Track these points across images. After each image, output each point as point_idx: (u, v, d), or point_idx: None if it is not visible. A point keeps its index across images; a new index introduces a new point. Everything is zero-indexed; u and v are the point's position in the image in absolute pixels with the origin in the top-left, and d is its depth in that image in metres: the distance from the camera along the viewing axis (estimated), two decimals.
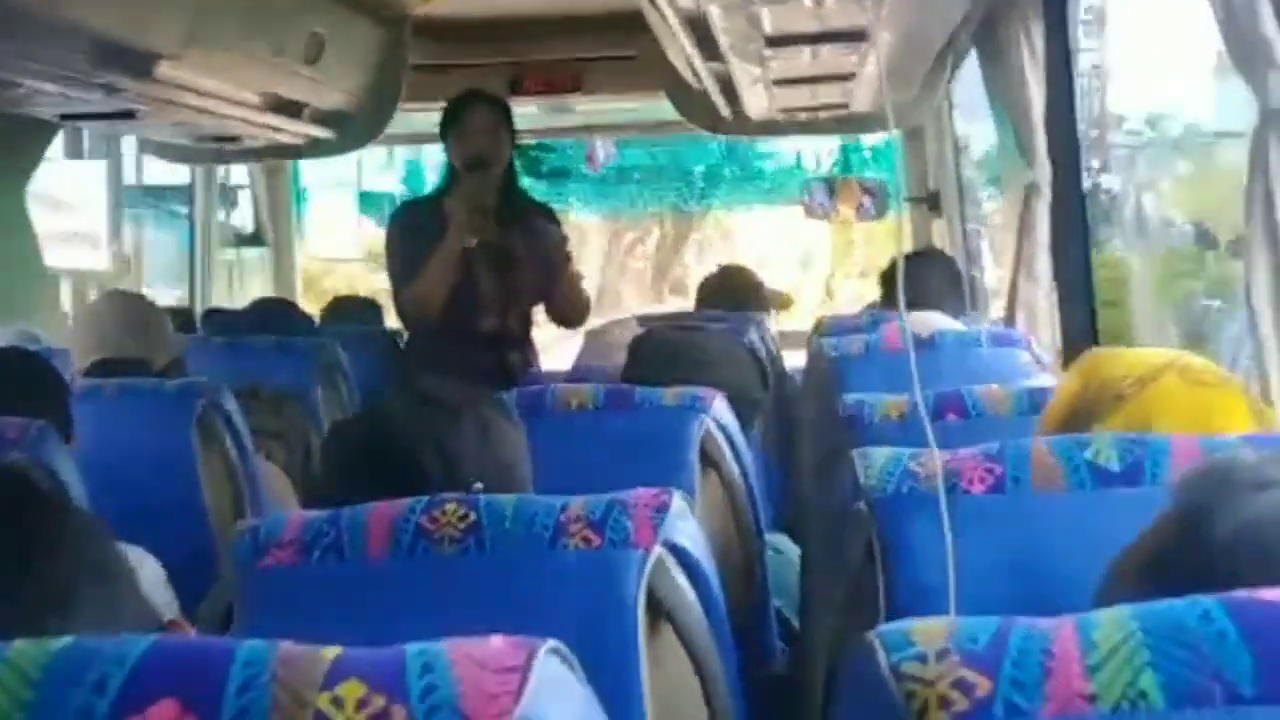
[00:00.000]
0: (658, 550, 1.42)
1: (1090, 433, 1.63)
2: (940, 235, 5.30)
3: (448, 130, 3.93)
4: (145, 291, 5.22)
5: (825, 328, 3.85)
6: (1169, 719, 0.70)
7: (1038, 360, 2.96)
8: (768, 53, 3.17)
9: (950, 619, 0.78)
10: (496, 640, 0.81)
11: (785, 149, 8.10)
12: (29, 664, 0.74)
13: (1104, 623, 0.74)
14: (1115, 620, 0.74)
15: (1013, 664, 0.73)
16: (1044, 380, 2.86)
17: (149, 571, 1.98)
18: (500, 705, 0.75)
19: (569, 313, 4.08)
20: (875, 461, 1.51)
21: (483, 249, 3.88)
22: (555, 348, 4.83)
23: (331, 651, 0.78)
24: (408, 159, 8.25)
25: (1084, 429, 1.61)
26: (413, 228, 3.94)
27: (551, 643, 0.83)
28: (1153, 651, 0.72)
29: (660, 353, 2.58)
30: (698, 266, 14.48)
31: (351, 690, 0.75)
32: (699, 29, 3.07)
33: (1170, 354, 1.64)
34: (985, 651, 0.74)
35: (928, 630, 0.77)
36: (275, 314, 4.49)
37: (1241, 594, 0.74)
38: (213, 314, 4.92)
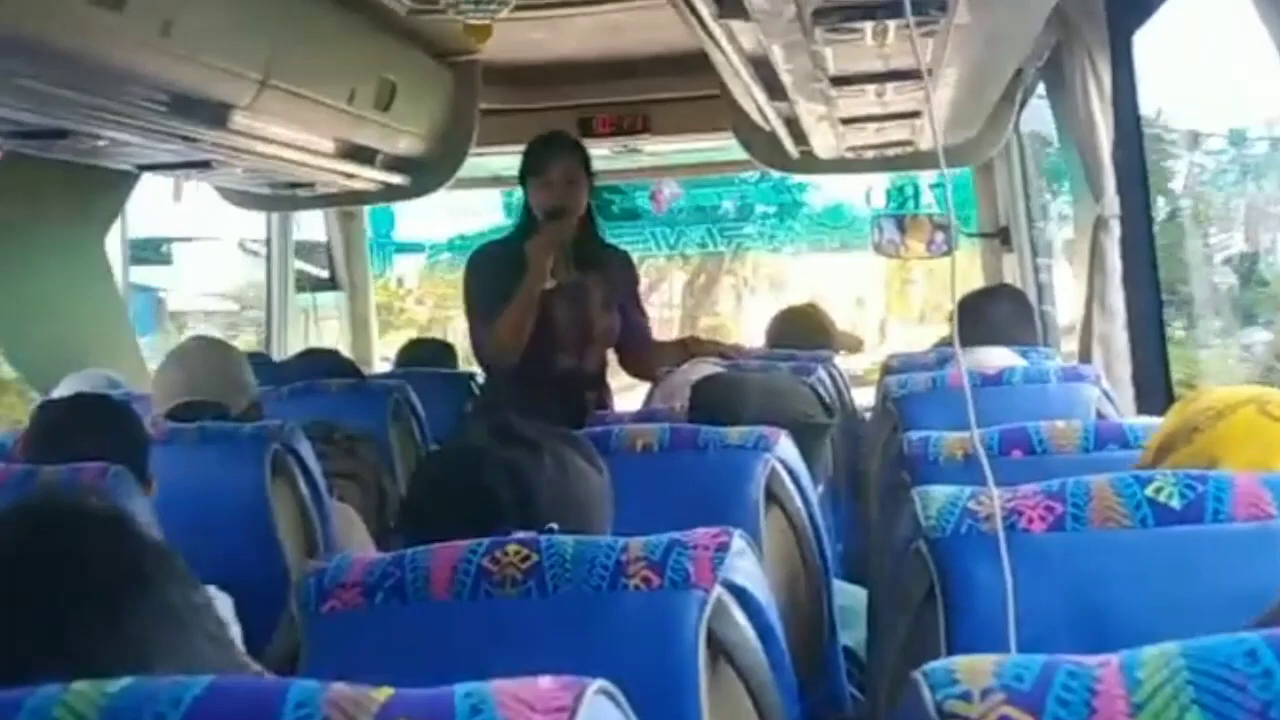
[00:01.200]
0: (717, 590, 1.43)
1: (1164, 466, 1.62)
2: (1012, 271, 5.27)
3: (527, 176, 3.97)
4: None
5: (894, 366, 3.84)
6: None
7: (1107, 396, 2.94)
8: (832, 92, 3.17)
9: (998, 657, 0.78)
10: (545, 681, 0.82)
11: (829, 183, 8.05)
12: (86, 705, 0.76)
13: (1149, 660, 0.74)
14: (1161, 658, 0.74)
15: (1057, 702, 0.73)
16: (1113, 416, 2.84)
17: (220, 607, 2.01)
18: None
19: (643, 370, 4.12)
20: (934, 500, 1.51)
21: (560, 290, 3.93)
22: (631, 392, 4.85)
23: (383, 693, 0.79)
24: None
25: (1164, 464, 1.61)
26: (492, 270, 3.98)
27: (600, 683, 0.84)
28: (1197, 689, 0.71)
29: (720, 392, 2.59)
30: (738, 313, 14.08)
31: None
32: (763, 69, 3.08)
33: (1257, 390, 1.63)
34: (1031, 690, 0.74)
35: (973, 668, 0.77)
36: (322, 365, 4.50)
37: None
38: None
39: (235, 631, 2.09)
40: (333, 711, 0.77)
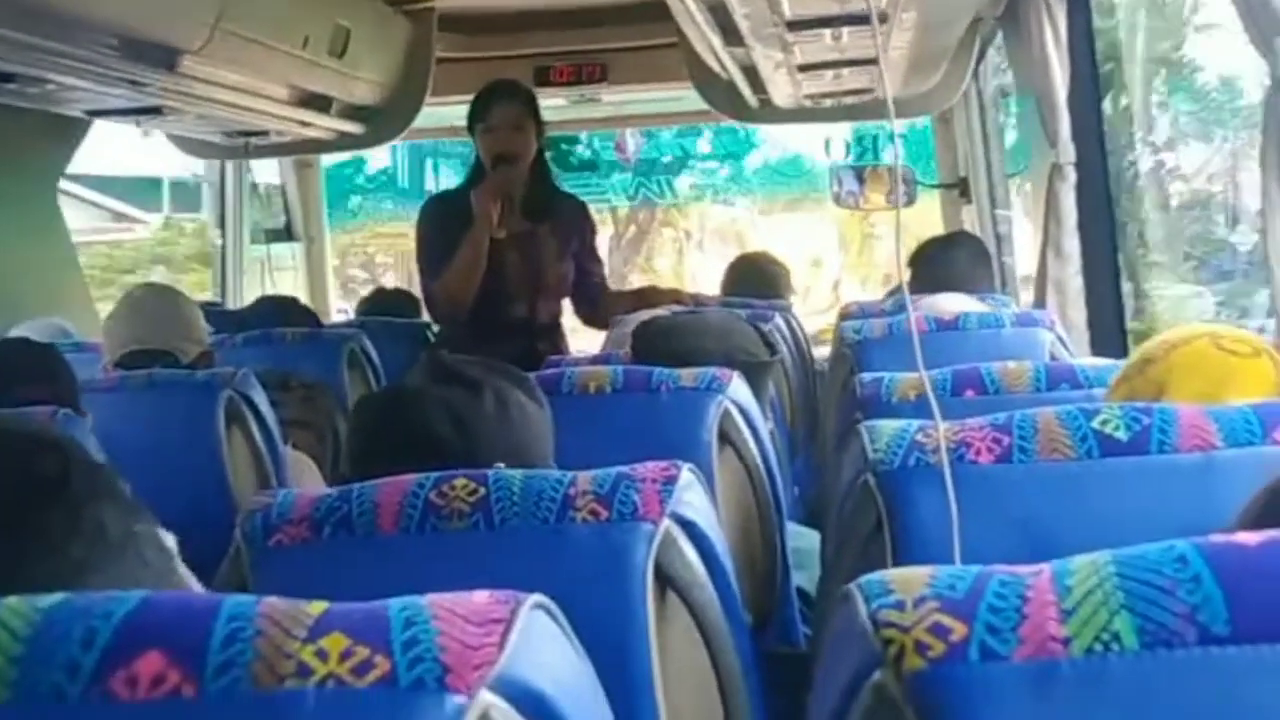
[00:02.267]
0: (665, 523, 1.43)
1: (1115, 397, 1.63)
2: (971, 223, 5.27)
3: (474, 123, 3.95)
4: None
5: (851, 313, 3.85)
6: (1142, 660, 0.70)
7: (1061, 340, 2.95)
8: (789, 37, 3.16)
9: (932, 568, 0.79)
10: (480, 595, 0.81)
11: (785, 134, 7.96)
12: (19, 620, 0.76)
13: (1080, 568, 0.75)
14: (1091, 565, 0.74)
15: (989, 609, 0.73)
16: (1067, 359, 2.85)
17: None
18: (483, 656, 0.76)
19: (597, 309, 4.12)
20: (882, 434, 1.51)
21: (511, 239, 3.91)
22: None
23: (317, 607, 0.79)
24: None
25: (1115, 394, 1.62)
26: (441, 220, 3.97)
27: (537, 597, 0.83)
28: (1127, 594, 0.72)
29: (660, 333, 2.60)
30: (680, 268, 13.42)
31: (335, 643, 0.76)
32: (719, 14, 3.07)
33: (1213, 325, 1.65)
34: (962, 598, 0.75)
35: (908, 578, 0.77)
36: (281, 312, 4.48)
37: (1217, 538, 0.74)
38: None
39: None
40: (266, 624, 0.76)
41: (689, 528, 1.46)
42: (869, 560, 1.48)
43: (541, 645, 0.81)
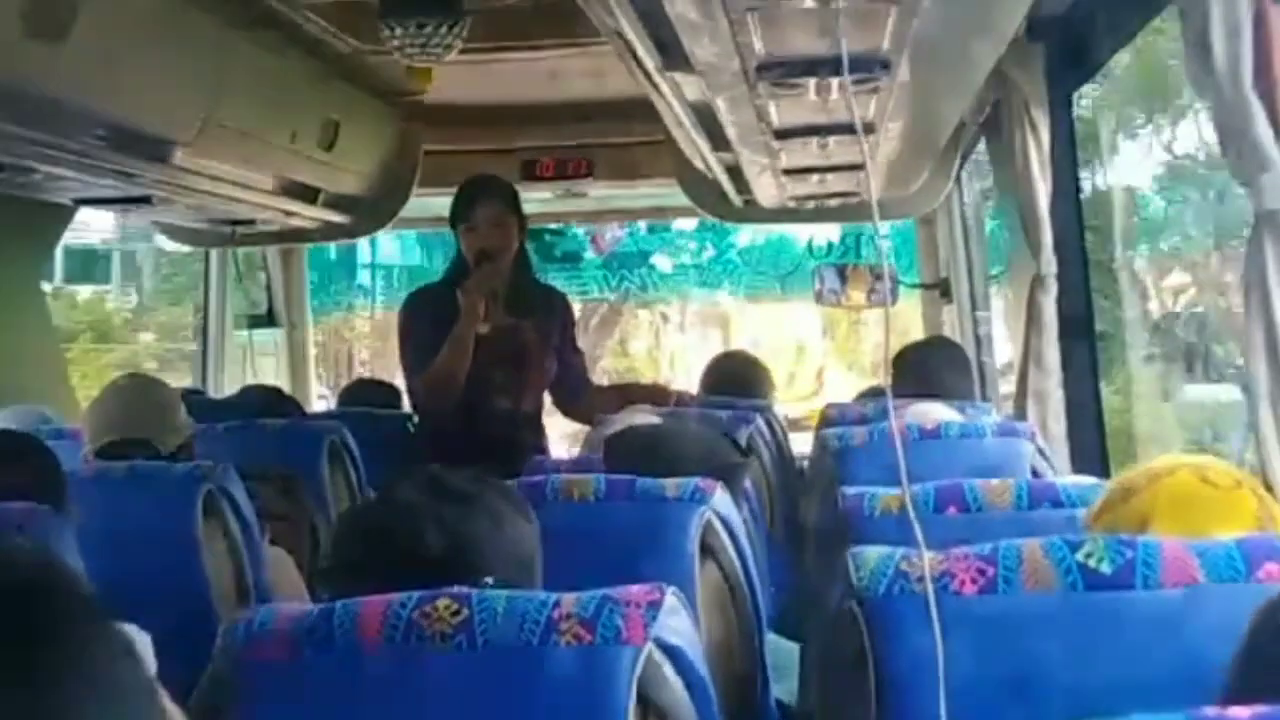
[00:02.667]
0: (649, 648, 1.42)
1: (1098, 528, 1.64)
2: (951, 323, 5.31)
3: (457, 220, 3.98)
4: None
5: (830, 418, 3.85)
6: None
7: (1042, 453, 2.96)
8: (775, 144, 3.19)
9: None
10: None
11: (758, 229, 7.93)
12: None
13: None
14: None
15: None
16: (1048, 473, 2.87)
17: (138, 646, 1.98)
18: None
19: (578, 400, 4.14)
20: (867, 561, 1.51)
21: (495, 334, 3.93)
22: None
23: None
24: None
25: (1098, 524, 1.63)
26: (425, 314, 3.99)
27: None
28: None
29: (630, 446, 2.61)
30: (658, 351, 13.35)
31: None
32: (706, 120, 3.10)
33: (1199, 458, 1.66)
34: None
35: None
36: (265, 401, 4.48)
37: (1210, 711, 0.74)
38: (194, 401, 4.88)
39: (152, 671, 2.05)
40: None
41: (672, 653, 1.45)
42: (853, 689, 1.48)
43: None
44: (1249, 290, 1.72)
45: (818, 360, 12.52)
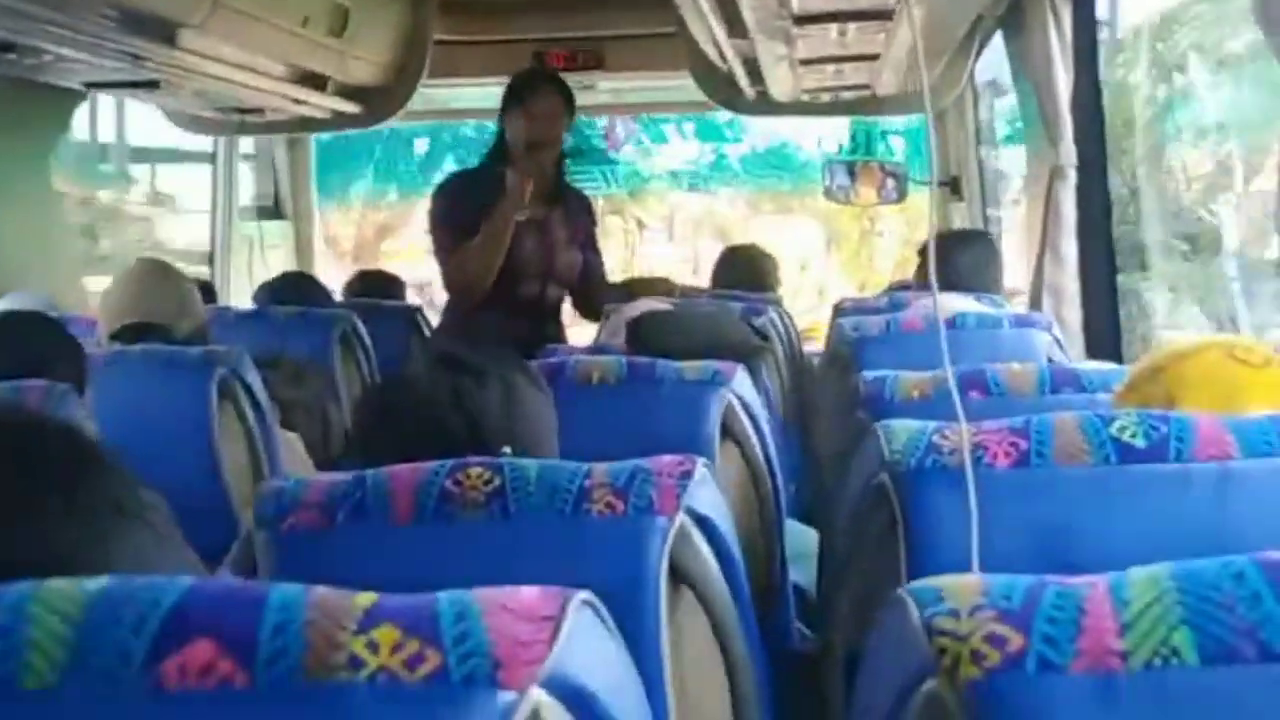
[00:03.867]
0: (680, 518, 1.43)
1: (1126, 404, 1.64)
2: (961, 220, 5.29)
3: (511, 106, 3.95)
4: None
5: (845, 308, 3.85)
6: (1201, 676, 0.70)
7: (1058, 343, 2.96)
8: (795, 31, 3.16)
9: (983, 576, 0.78)
10: (530, 590, 0.81)
11: (770, 126, 7.69)
12: (67, 603, 0.75)
13: (1137, 582, 0.75)
14: (1149, 579, 0.74)
15: (1046, 620, 0.73)
16: (1064, 362, 2.86)
17: None
18: (533, 653, 0.76)
19: (594, 299, 4.14)
20: (899, 434, 1.51)
21: (528, 222, 3.94)
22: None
23: (366, 598, 0.79)
24: None
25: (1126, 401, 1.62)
26: (464, 196, 3.98)
27: (584, 594, 0.83)
28: (1186, 609, 0.72)
29: (653, 326, 2.61)
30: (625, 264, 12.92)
31: (386, 635, 0.75)
32: (726, 6, 3.06)
33: (1227, 336, 1.65)
34: (1019, 608, 0.75)
35: (960, 587, 0.77)
36: (295, 287, 4.50)
37: (1276, 555, 0.74)
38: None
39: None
40: (315, 614, 0.76)
41: (703, 523, 1.46)
42: (882, 561, 1.48)
43: (589, 643, 0.81)
44: None
45: (818, 276, 12.06)
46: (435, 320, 4.43)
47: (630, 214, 11.10)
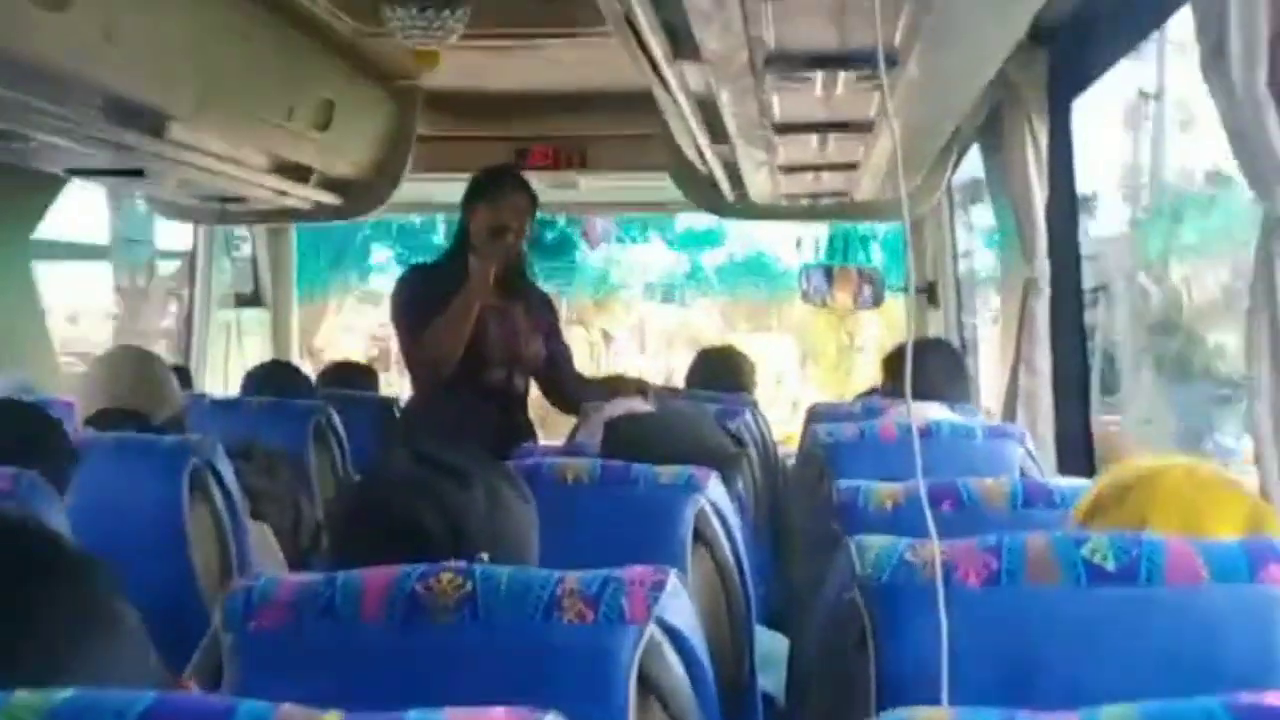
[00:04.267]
0: (651, 628, 1.42)
1: (1094, 527, 1.64)
2: (937, 328, 5.32)
3: (477, 199, 4.02)
4: None
5: (819, 414, 3.86)
6: None
7: (1031, 455, 2.97)
8: (775, 139, 3.19)
9: (951, 709, 0.78)
10: (498, 712, 0.81)
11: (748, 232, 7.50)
12: (30, 715, 0.74)
13: (1109, 718, 0.75)
14: (1120, 717, 0.74)
15: None
16: (1036, 475, 2.87)
17: None
18: None
19: (565, 388, 4.22)
20: (870, 549, 1.51)
21: (490, 310, 4.02)
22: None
23: (332, 716, 0.78)
24: None
25: (1095, 524, 1.63)
26: (425, 285, 4.06)
27: (551, 715, 0.83)
28: None
29: (630, 430, 2.61)
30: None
31: None
32: (708, 112, 3.09)
33: (1187, 459, 1.67)
34: None
35: (930, 718, 0.77)
36: (274, 377, 4.50)
37: (1246, 696, 0.75)
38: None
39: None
40: None
41: (674, 634, 1.45)
42: (851, 676, 1.48)
43: None
44: (1255, 296, 1.73)
45: (794, 390, 11.80)
46: None
47: (595, 325, 10.84)
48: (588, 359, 9.90)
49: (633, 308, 10.30)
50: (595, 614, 1.42)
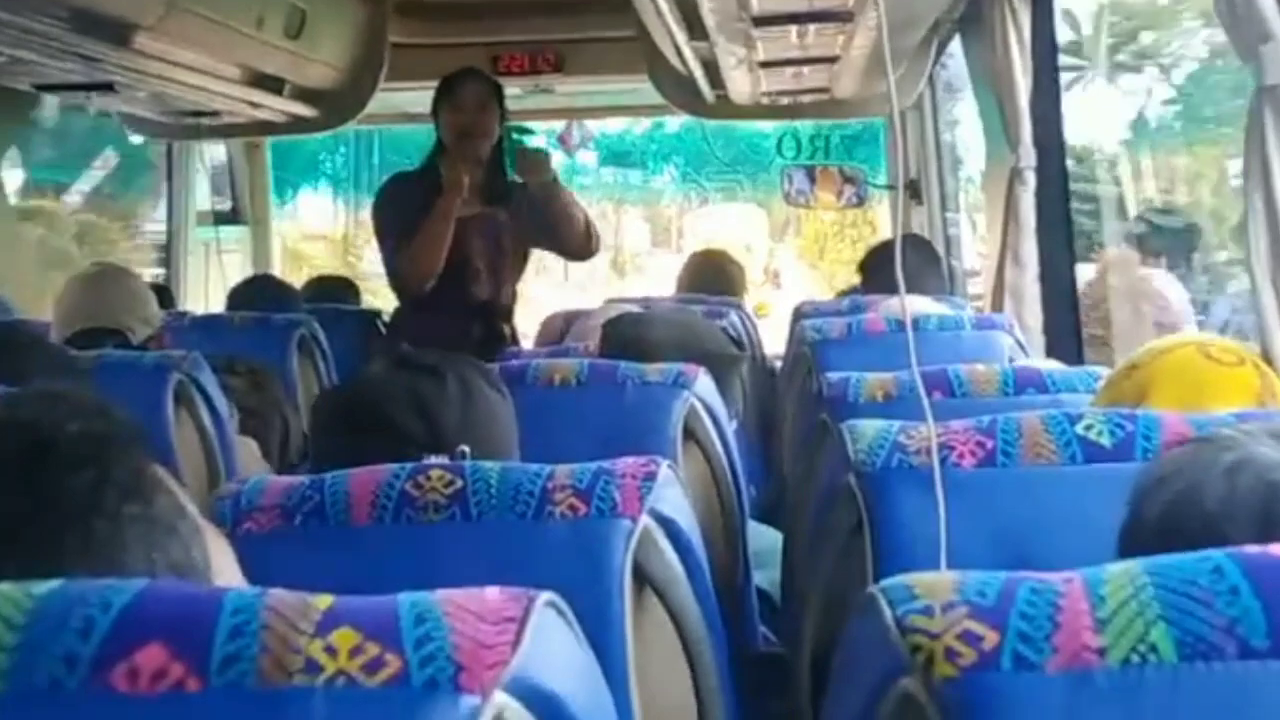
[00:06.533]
0: (644, 519, 1.41)
1: (1099, 402, 1.63)
2: (920, 225, 5.29)
3: (441, 103, 3.96)
4: None
5: (805, 311, 3.84)
6: (1180, 672, 0.68)
7: (1020, 344, 2.95)
8: (754, 33, 3.15)
9: (956, 573, 0.77)
10: (492, 592, 0.79)
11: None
12: (12, 607, 0.72)
13: (1114, 577, 0.73)
14: (1125, 574, 0.73)
15: (1020, 617, 0.72)
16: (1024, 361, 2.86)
17: None
18: (496, 655, 0.74)
19: (576, 236, 4.01)
20: (865, 435, 1.50)
21: (473, 220, 3.91)
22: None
23: (324, 600, 0.76)
24: None
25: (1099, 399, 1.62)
26: (404, 197, 3.98)
27: (548, 595, 0.81)
28: (1164, 605, 0.70)
29: (630, 328, 2.58)
30: None
31: (344, 638, 0.73)
32: (685, 7, 3.05)
33: (1202, 335, 1.66)
34: (993, 605, 0.73)
35: (933, 584, 0.76)
36: (259, 292, 4.47)
37: (1253, 549, 0.73)
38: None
39: None
40: (272, 618, 0.73)
41: (667, 525, 1.44)
42: (848, 562, 1.47)
43: (553, 645, 0.79)
44: (1249, 168, 1.70)
45: (764, 259, 11.68)
46: None
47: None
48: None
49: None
50: (588, 506, 1.40)
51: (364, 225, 9.15)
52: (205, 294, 5.52)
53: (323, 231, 10.05)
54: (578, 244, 4.02)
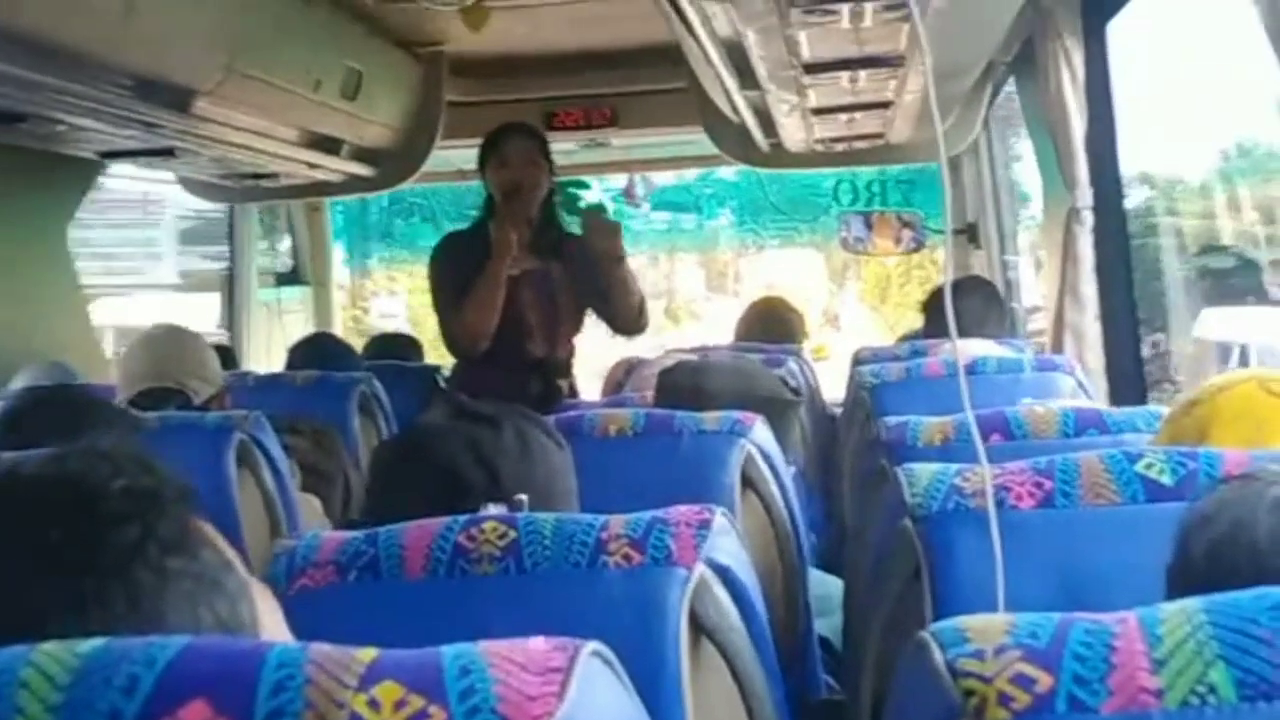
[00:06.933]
0: (700, 569, 1.39)
1: (1159, 440, 1.61)
2: (980, 268, 5.26)
3: (486, 160, 3.96)
4: None
5: (864, 357, 3.82)
6: (1240, 713, 0.67)
7: (1081, 386, 2.92)
8: (805, 80, 3.15)
9: (1008, 615, 0.75)
10: (537, 641, 0.78)
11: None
12: (57, 666, 0.72)
13: (1170, 616, 0.71)
14: (1182, 613, 0.71)
15: (1075, 658, 0.70)
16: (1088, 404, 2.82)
17: None
18: (542, 706, 0.73)
19: (628, 313, 3.95)
20: (921, 478, 1.48)
21: (526, 277, 3.90)
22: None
23: (367, 653, 0.76)
24: None
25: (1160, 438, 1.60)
26: (457, 256, 3.96)
27: (594, 645, 0.80)
28: (1222, 644, 0.69)
29: (685, 376, 2.57)
30: None
31: (388, 692, 0.72)
32: (735, 56, 3.05)
33: (1263, 369, 1.62)
34: (1046, 646, 0.72)
35: (984, 626, 0.74)
36: (318, 350, 4.50)
37: None
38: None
39: None
40: (315, 671, 0.73)
41: (723, 573, 1.42)
42: (906, 607, 1.45)
43: (600, 694, 0.78)
44: None
45: (823, 302, 11.61)
46: None
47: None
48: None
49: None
50: (643, 556, 1.39)
51: (371, 276, 9.23)
52: (267, 353, 5.57)
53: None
54: (629, 318, 3.96)
